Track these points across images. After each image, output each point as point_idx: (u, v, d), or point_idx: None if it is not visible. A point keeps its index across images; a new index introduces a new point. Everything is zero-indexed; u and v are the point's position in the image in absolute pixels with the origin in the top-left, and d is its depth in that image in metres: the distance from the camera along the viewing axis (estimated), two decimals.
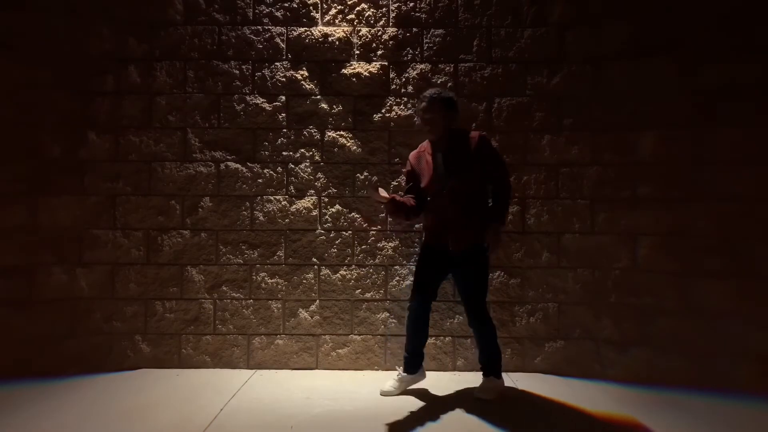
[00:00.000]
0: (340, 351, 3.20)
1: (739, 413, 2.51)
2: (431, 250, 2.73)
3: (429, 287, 2.74)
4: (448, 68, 3.23)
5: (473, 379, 3.02)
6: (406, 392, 2.77)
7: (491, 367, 2.74)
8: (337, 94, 3.24)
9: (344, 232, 3.21)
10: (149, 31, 3.20)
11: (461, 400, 2.70)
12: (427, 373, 2.90)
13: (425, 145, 2.78)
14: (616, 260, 3.09)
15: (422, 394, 2.78)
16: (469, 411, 2.53)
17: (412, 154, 2.81)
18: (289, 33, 3.24)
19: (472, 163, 2.61)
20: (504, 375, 3.10)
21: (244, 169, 3.23)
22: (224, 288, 3.21)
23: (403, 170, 2.87)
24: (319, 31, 3.24)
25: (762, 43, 2.79)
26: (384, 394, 2.74)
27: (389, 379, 2.81)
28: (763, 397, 2.64)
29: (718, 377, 2.78)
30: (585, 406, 2.60)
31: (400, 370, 2.81)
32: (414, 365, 2.80)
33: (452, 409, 2.56)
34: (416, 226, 3.19)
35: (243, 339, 3.20)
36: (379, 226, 3.17)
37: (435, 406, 2.61)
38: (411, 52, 3.24)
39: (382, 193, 2.53)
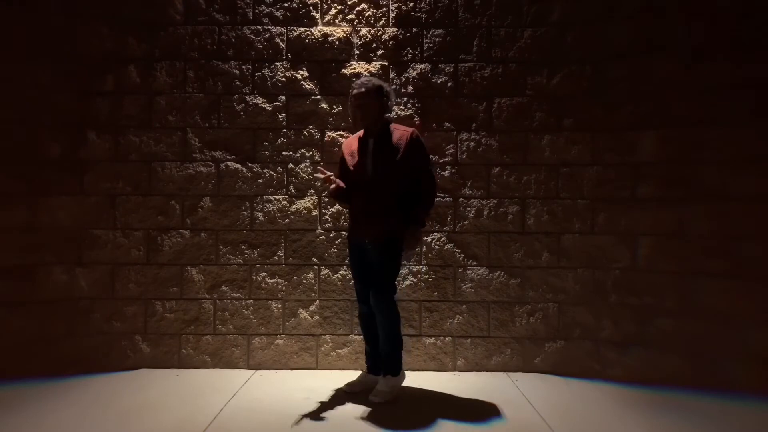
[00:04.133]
0: (340, 351, 3.20)
1: (739, 413, 2.51)
2: (353, 245, 2.73)
3: (365, 285, 2.70)
4: (448, 68, 3.23)
5: (473, 379, 3.03)
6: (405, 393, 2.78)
7: (389, 363, 2.66)
8: (337, 94, 3.24)
9: (344, 232, 3.21)
10: (149, 31, 3.20)
11: (461, 400, 2.70)
12: (428, 372, 2.90)
13: (361, 132, 2.74)
14: (616, 260, 3.09)
15: (422, 394, 2.78)
16: (469, 411, 2.53)
17: (346, 141, 2.83)
18: (289, 33, 3.24)
19: (399, 158, 2.58)
20: (504, 375, 3.11)
21: (244, 169, 3.23)
22: (224, 288, 3.21)
23: (338, 154, 2.82)
24: (319, 31, 3.24)
25: (761, 42, 2.79)
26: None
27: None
28: (763, 397, 2.64)
29: (718, 377, 2.78)
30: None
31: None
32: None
33: (451, 409, 2.57)
34: None
35: (243, 339, 3.20)
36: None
37: (435, 406, 2.61)
38: (411, 52, 3.24)
39: (336, 181, 2.60)
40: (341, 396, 2.73)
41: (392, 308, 2.64)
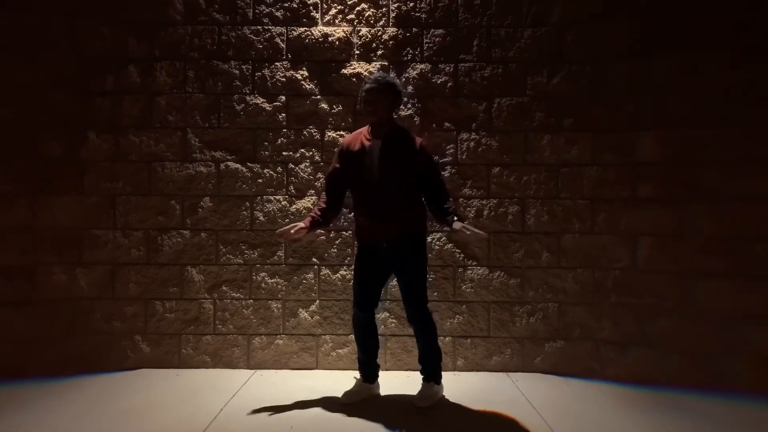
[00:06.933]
0: (340, 351, 3.20)
1: (739, 413, 2.51)
2: (367, 250, 2.59)
3: (374, 292, 2.63)
4: (448, 68, 3.22)
5: (473, 379, 3.03)
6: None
7: (432, 371, 2.65)
8: (337, 94, 3.24)
9: (344, 232, 3.21)
10: (149, 31, 3.20)
11: (461, 400, 2.69)
12: None
13: (364, 129, 2.63)
14: (616, 260, 3.09)
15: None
16: (468, 411, 2.53)
17: (348, 136, 2.68)
18: (289, 33, 3.24)
19: (409, 158, 2.50)
20: (504, 375, 3.11)
21: (244, 169, 3.23)
22: (224, 288, 3.21)
23: (336, 150, 2.64)
24: (319, 31, 3.24)
25: (759, 43, 2.79)
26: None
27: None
28: (763, 397, 2.64)
29: (718, 377, 2.78)
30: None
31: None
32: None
33: (452, 409, 2.57)
34: None
35: (243, 339, 3.20)
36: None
37: (435, 406, 2.61)
38: (411, 52, 3.24)
39: (297, 226, 2.48)
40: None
41: (431, 316, 2.60)
